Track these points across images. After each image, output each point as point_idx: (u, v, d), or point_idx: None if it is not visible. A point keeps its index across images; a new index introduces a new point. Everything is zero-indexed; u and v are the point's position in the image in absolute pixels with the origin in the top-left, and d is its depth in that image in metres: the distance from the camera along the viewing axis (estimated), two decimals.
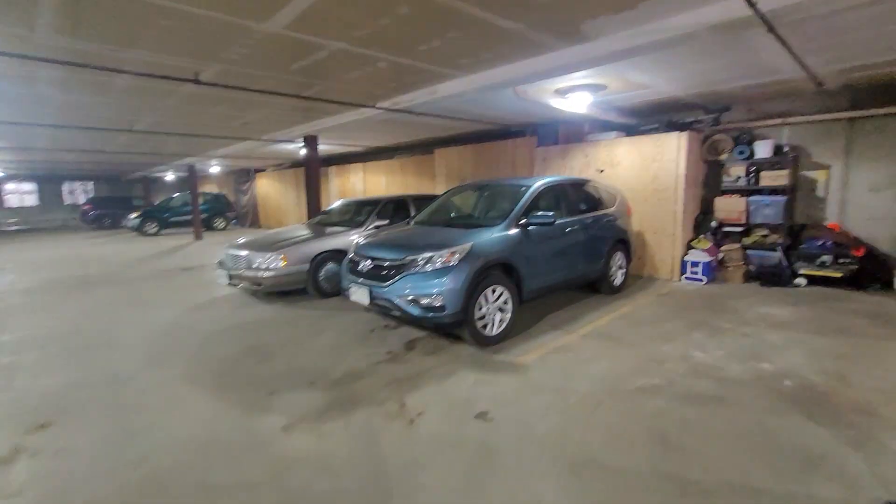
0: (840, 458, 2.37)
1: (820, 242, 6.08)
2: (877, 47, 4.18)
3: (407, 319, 4.18)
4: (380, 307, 4.17)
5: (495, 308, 4.17)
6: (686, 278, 6.65)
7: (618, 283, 6.05)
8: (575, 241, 5.20)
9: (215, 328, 4.89)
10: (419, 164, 11.21)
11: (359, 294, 4.21)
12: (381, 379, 3.50)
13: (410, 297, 3.87)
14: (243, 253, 5.93)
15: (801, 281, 6.17)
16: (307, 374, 3.61)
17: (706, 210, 7.13)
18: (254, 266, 5.76)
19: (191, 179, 15.40)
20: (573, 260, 5.21)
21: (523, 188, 4.94)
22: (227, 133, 8.67)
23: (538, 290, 4.68)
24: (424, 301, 3.83)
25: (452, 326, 4.03)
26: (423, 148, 11.30)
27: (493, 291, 4.15)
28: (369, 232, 6.06)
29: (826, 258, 5.99)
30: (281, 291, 6.00)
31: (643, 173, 6.95)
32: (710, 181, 7.21)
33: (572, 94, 5.62)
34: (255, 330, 4.82)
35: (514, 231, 4.44)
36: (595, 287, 5.89)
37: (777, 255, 6.42)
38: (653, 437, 2.61)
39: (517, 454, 2.48)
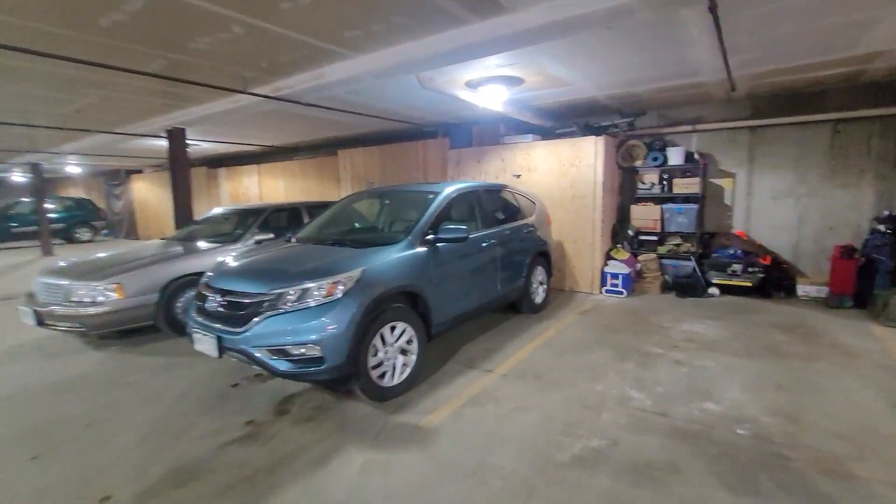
0: None
1: (731, 251, 6.03)
2: (799, 48, 3.97)
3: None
4: (236, 360, 3.03)
5: (396, 350, 3.25)
6: (606, 291, 6.29)
7: (539, 301, 5.45)
8: (493, 258, 4.47)
9: None
10: (322, 167, 9.97)
11: (204, 343, 3.03)
12: (224, 476, 2.40)
13: (276, 347, 2.80)
14: (61, 282, 4.37)
15: (714, 291, 6.07)
16: (104, 478, 2.38)
17: (622, 218, 6.88)
18: (73, 300, 4.23)
19: (36, 181, 12.51)
20: (491, 279, 4.47)
21: (431, 196, 4.09)
22: (60, 123, 6.77)
23: (451, 320, 3.85)
24: (296, 352, 2.79)
25: (337, 382, 3.04)
26: (326, 148, 10.08)
27: (393, 329, 3.22)
28: (246, 248, 4.82)
29: (736, 267, 5.94)
30: (121, 330, 4.52)
31: (561, 179, 6.51)
32: (625, 188, 6.98)
33: (486, 86, 4.91)
34: (56, 396, 3.39)
35: (419, 250, 3.56)
36: (515, 306, 5.23)
37: (691, 265, 6.30)
38: None
39: None
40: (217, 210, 6.59)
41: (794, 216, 6.02)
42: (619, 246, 6.58)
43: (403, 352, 3.32)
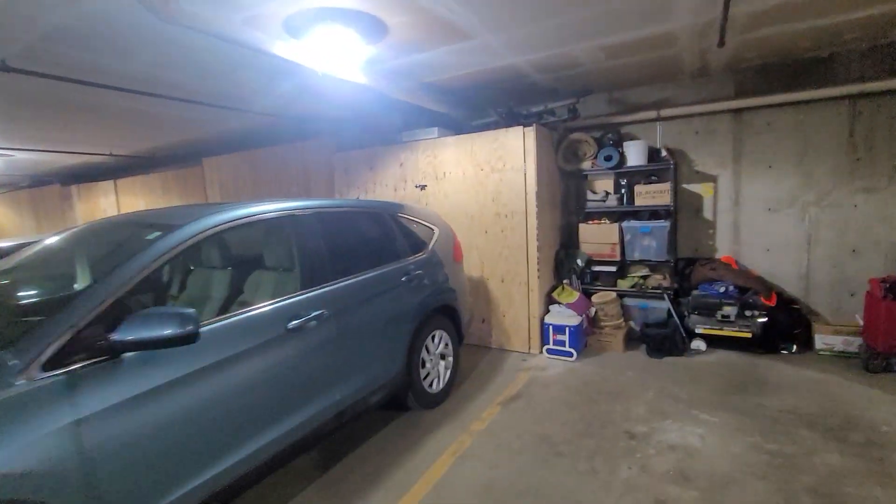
0: None
1: (721, 287, 4.19)
2: None
3: None
4: None
5: None
6: (549, 351, 4.31)
7: (438, 389, 3.38)
8: (320, 345, 2.36)
9: None
10: (186, 181, 7.60)
11: None
12: None
13: None
14: None
15: (699, 345, 4.22)
16: None
17: (568, 243, 4.97)
18: None
19: None
20: (318, 385, 2.36)
21: (151, 239, 1.92)
22: None
23: None
24: None
25: None
26: (190, 158, 7.71)
27: None
28: None
29: (729, 310, 4.11)
30: None
31: (480, 190, 4.52)
32: (570, 200, 5.09)
33: (317, 32, 2.82)
34: None
35: (42, 380, 1.39)
36: (398, 399, 3.15)
37: (664, 306, 4.44)
38: None
39: None
40: None
41: (801, 234, 4.29)
42: (564, 283, 4.65)
43: None
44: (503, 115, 4.56)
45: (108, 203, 9.13)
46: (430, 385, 3.33)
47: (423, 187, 4.87)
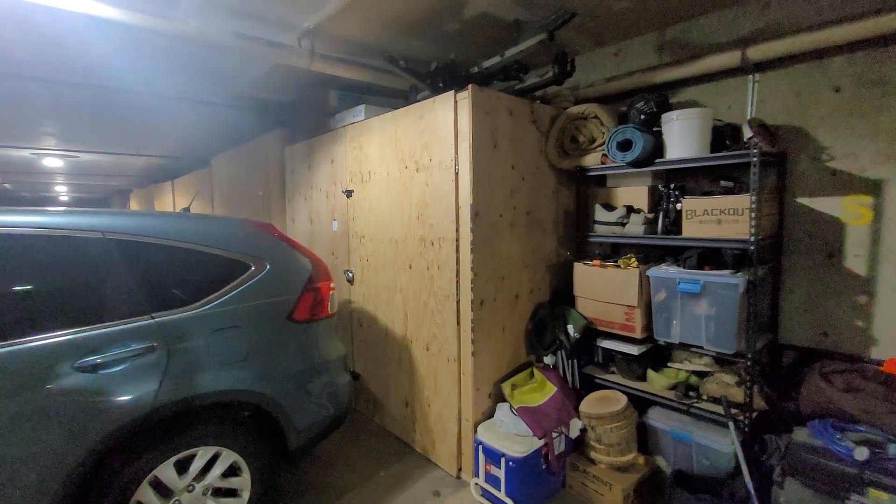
0: None
1: (862, 447, 1.79)
2: None
3: None
4: None
5: None
6: (482, 491, 2.41)
7: None
8: None
9: None
10: (201, 181, 7.30)
11: None
12: None
13: None
14: None
15: None
16: None
17: (563, 295, 2.91)
18: None
19: None
20: None
21: None
22: None
23: None
24: None
25: None
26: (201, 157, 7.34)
27: None
28: None
29: (882, 500, 1.71)
30: None
31: (405, 200, 2.83)
32: (569, 223, 3.01)
33: None
34: None
35: None
36: None
37: (729, 448, 2.15)
38: None
39: None
40: None
41: None
42: (540, 363, 2.67)
43: None
44: (428, 76, 2.73)
45: (168, 202, 9.52)
46: None
47: (349, 194, 3.35)
